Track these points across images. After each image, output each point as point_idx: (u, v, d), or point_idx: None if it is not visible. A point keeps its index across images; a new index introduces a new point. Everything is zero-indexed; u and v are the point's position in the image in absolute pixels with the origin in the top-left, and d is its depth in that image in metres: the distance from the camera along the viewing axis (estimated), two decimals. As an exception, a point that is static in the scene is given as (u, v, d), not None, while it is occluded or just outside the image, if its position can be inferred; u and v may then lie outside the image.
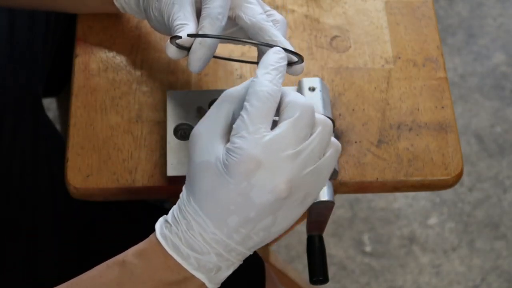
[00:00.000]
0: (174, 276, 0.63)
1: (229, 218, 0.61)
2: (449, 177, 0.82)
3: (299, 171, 0.61)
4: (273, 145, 0.60)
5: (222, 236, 0.62)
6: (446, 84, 0.88)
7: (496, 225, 1.62)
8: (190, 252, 0.62)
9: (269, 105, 0.62)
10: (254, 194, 0.60)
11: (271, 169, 0.60)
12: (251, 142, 0.60)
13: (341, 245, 1.58)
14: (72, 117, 0.84)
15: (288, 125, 0.61)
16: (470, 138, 1.71)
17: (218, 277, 0.64)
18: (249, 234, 0.62)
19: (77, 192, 0.81)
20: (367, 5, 0.93)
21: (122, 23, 0.91)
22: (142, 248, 0.64)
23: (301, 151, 0.61)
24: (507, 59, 1.81)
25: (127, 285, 0.63)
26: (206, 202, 0.62)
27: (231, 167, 0.60)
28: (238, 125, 0.62)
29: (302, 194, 0.62)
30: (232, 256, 0.63)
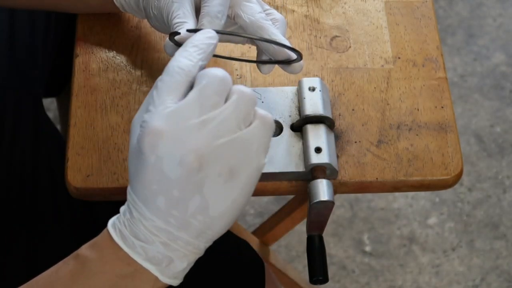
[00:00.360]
0: (125, 268, 0.62)
1: (157, 200, 0.59)
2: (449, 177, 0.82)
3: (208, 141, 0.58)
4: (176, 115, 0.59)
5: (159, 222, 0.60)
6: (446, 84, 0.88)
7: (495, 225, 1.62)
8: (136, 241, 0.61)
9: (178, 79, 0.60)
10: (166, 169, 0.58)
11: (174, 139, 0.58)
12: (154, 115, 0.59)
13: (341, 245, 1.58)
14: (72, 117, 0.84)
15: (192, 94, 0.59)
16: (470, 138, 1.71)
17: (172, 270, 0.62)
18: (185, 217, 0.60)
19: (77, 192, 0.81)
20: (367, 5, 0.93)
21: (122, 23, 0.91)
22: (95, 240, 0.64)
23: (209, 119, 0.59)
24: (507, 59, 1.81)
25: (80, 279, 0.62)
26: (136, 186, 0.61)
27: (139, 142, 0.59)
28: (147, 101, 0.61)
29: (223, 167, 0.59)
30: (179, 246, 0.61)
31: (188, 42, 0.63)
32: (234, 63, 0.88)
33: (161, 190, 0.60)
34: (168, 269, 0.62)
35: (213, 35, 0.64)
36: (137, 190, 0.61)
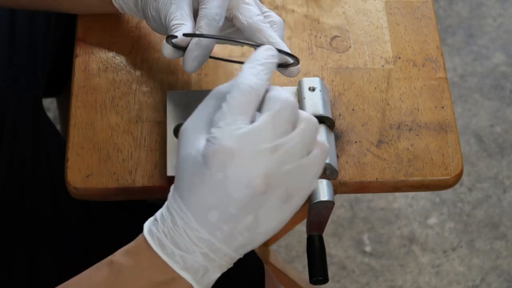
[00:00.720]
0: (162, 275, 0.62)
1: (209, 213, 0.60)
2: (449, 177, 0.82)
3: (277, 166, 0.59)
4: (248, 137, 0.59)
5: (205, 233, 0.61)
6: (446, 84, 0.88)
7: (495, 225, 1.62)
8: (176, 249, 0.62)
9: (250, 98, 0.60)
10: (231, 188, 0.59)
11: (245, 162, 0.59)
12: (226, 133, 0.59)
13: (341, 245, 1.58)
14: (72, 117, 0.84)
15: (266, 118, 0.60)
16: (470, 138, 1.71)
17: (206, 280, 0.63)
18: (233, 232, 0.61)
19: (77, 192, 0.81)
20: (367, 5, 0.93)
21: (122, 23, 0.91)
22: (130, 247, 0.64)
23: (280, 145, 0.60)
24: (506, 59, 1.81)
25: (115, 286, 0.62)
26: (188, 196, 0.61)
27: (206, 157, 0.60)
28: (217, 116, 0.61)
29: (284, 192, 0.61)
30: (218, 257, 0.62)
31: (255, 58, 0.63)
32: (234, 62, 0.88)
33: (218, 206, 0.60)
34: (203, 279, 0.63)
35: (275, 53, 0.64)
36: (189, 200, 0.61)
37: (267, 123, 0.59)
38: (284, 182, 0.60)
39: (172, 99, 0.84)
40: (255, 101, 0.61)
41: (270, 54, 0.63)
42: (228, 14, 0.75)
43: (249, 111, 0.60)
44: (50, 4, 0.88)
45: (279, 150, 0.60)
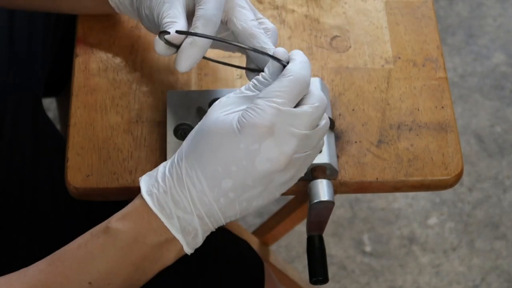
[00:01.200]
0: (157, 237, 0.65)
1: (224, 180, 0.63)
2: (449, 177, 0.82)
3: (300, 150, 0.65)
4: (290, 119, 0.64)
5: (210, 197, 0.64)
6: (446, 84, 0.88)
7: (496, 225, 1.62)
8: (174, 209, 0.64)
9: (301, 89, 0.65)
10: (258, 160, 0.63)
11: (280, 139, 0.63)
12: (273, 110, 0.63)
13: (341, 245, 1.58)
14: (72, 117, 0.84)
15: (308, 109, 0.65)
16: (470, 138, 1.71)
17: (194, 242, 0.66)
18: (234, 201, 0.64)
19: (77, 192, 0.81)
20: (367, 5, 0.93)
21: (122, 23, 0.91)
22: (126, 211, 0.66)
23: (309, 135, 0.65)
24: (507, 59, 1.81)
25: (111, 251, 0.65)
26: (208, 159, 0.63)
27: (247, 125, 0.63)
28: (269, 91, 0.64)
29: (293, 173, 0.66)
30: (211, 222, 0.65)
31: (302, 56, 0.67)
32: (234, 61, 0.88)
33: (237, 174, 0.63)
34: (192, 241, 0.66)
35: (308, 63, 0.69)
36: (208, 164, 0.63)
37: (307, 113, 0.65)
38: (298, 164, 0.66)
39: (172, 99, 0.84)
40: (304, 92, 0.66)
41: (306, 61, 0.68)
42: (223, 17, 0.75)
43: (297, 99, 0.65)
44: (49, 6, 0.88)
45: (306, 139, 0.65)
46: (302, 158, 0.65)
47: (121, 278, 0.66)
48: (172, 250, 0.66)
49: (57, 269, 0.65)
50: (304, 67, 0.66)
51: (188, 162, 0.64)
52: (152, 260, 0.66)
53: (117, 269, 0.65)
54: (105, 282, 0.65)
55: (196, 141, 0.65)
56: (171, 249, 0.66)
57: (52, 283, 0.65)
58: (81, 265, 0.65)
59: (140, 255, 0.65)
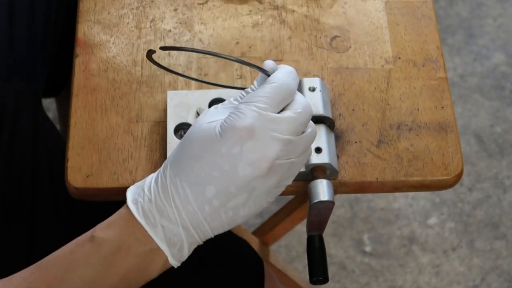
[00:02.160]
0: (141, 247, 0.64)
1: (207, 187, 0.63)
2: (449, 177, 0.82)
3: (283, 156, 0.64)
4: (272, 123, 0.63)
5: (194, 205, 0.63)
6: (446, 84, 0.88)
7: (496, 225, 1.62)
8: (158, 218, 0.64)
9: (285, 97, 0.65)
10: (239, 165, 0.63)
11: (261, 144, 0.63)
12: (254, 114, 0.63)
13: (341, 245, 1.58)
14: (72, 117, 0.84)
15: (290, 114, 0.65)
16: (470, 138, 1.71)
17: (180, 254, 0.66)
18: (220, 209, 0.64)
19: (77, 192, 0.81)
20: (367, 5, 0.93)
21: (122, 23, 0.91)
22: (111, 220, 0.66)
23: (292, 141, 0.64)
24: (507, 59, 1.81)
25: (95, 260, 0.65)
26: (191, 166, 0.63)
27: (227, 129, 0.63)
28: (251, 96, 0.64)
29: (278, 179, 0.65)
30: (197, 233, 0.65)
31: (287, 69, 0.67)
32: (234, 63, 0.88)
33: (220, 181, 0.63)
34: (178, 253, 0.65)
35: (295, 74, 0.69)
36: (192, 170, 0.63)
37: (289, 118, 0.64)
38: (281, 171, 0.65)
39: (172, 99, 0.84)
40: (288, 100, 0.66)
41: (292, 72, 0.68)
42: None
43: (280, 106, 0.65)
44: None
45: (290, 145, 0.64)
46: (286, 165, 0.65)
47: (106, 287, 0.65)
48: (157, 261, 0.65)
49: (42, 277, 0.65)
50: (288, 75, 0.66)
51: (173, 170, 0.64)
52: (136, 271, 0.65)
53: (101, 279, 0.65)
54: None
55: (180, 149, 0.65)
56: (156, 260, 0.65)
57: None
58: (65, 274, 0.65)
59: (124, 265, 0.65)
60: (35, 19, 1.02)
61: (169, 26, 0.91)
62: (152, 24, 0.91)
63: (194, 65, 0.88)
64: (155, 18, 0.91)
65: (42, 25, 1.02)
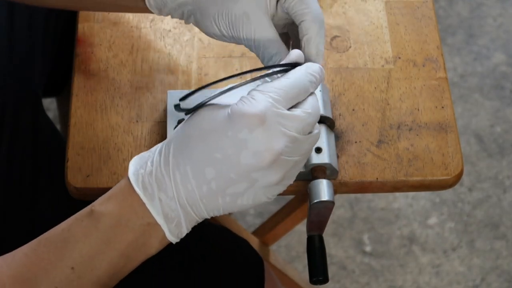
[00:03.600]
0: (139, 220, 0.64)
1: (207, 168, 0.62)
2: (449, 177, 0.82)
3: (287, 153, 0.64)
4: (282, 118, 0.63)
5: (193, 183, 0.63)
6: (446, 84, 0.88)
7: (496, 225, 1.62)
8: (157, 190, 0.63)
9: (300, 94, 0.65)
10: (243, 152, 0.62)
11: (269, 135, 0.62)
12: (267, 103, 0.62)
13: (341, 245, 1.58)
14: (72, 117, 0.84)
15: (300, 113, 0.64)
16: (470, 138, 1.71)
17: (178, 230, 0.65)
18: (217, 193, 0.63)
19: (77, 192, 0.81)
20: (367, 5, 0.93)
21: (122, 23, 0.91)
22: (111, 193, 0.66)
23: (298, 139, 0.64)
24: (507, 59, 1.81)
25: (93, 234, 0.64)
26: (195, 143, 0.63)
27: (238, 113, 0.62)
28: (266, 86, 0.64)
29: (281, 176, 0.64)
30: (193, 211, 0.64)
31: (312, 67, 0.66)
32: (234, 61, 0.88)
33: (221, 164, 0.62)
34: (175, 228, 0.65)
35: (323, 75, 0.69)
36: (193, 146, 0.63)
37: (299, 117, 0.64)
38: (285, 167, 0.64)
39: (172, 99, 0.84)
40: (300, 98, 0.65)
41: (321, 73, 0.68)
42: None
43: (291, 102, 0.64)
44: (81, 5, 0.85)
45: (296, 142, 0.64)
46: (290, 163, 0.64)
47: (105, 264, 0.65)
48: (154, 236, 0.65)
49: (42, 254, 0.65)
50: (306, 75, 0.65)
51: (177, 145, 0.64)
52: (135, 246, 0.65)
53: (100, 254, 0.64)
54: (88, 268, 0.64)
55: (188, 125, 0.65)
56: (154, 235, 0.65)
57: (36, 269, 0.65)
58: (63, 250, 0.65)
59: (123, 240, 0.64)
60: (35, 19, 1.02)
61: (169, 26, 0.91)
62: (152, 24, 0.91)
63: (194, 65, 0.88)
64: (155, 18, 0.91)
65: (42, 25, 1.02)
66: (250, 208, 0.67)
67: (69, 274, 0.64)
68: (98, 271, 0.65)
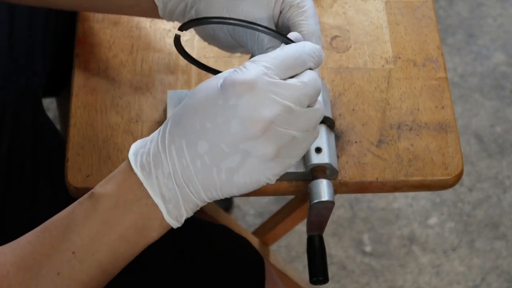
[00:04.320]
0: (137, 201, 0.63)
1: (200, 142, 0.62)
2: (449, 177, 0.82)
3: (282, 123, 0.62)
4: (274, 87, 0.61)
5: (187, 157, 0.62)
6: (446, 84, 0.88)
7: (496, 225, 1.62)
8: (154, 169, 0.63)
9: (296, 64, 0.63)
10: (233, 120, 0.61)
11: (258, 100, 0.61)
12: (258, 71, 0.61)
13: (341, 245, 1.58)
14: (72, 117, 0.84)
15: (295, 82, 0.63)
16: (470, 138, 1.71)
17: (177, 212, 0.64)
18: (212, 167, 0.62)
19: (77, 192, 0.81)
20: (367, 5, 0.93)
21: (122, 23, 0.91)
22: (111, 175, 0.65)
23: (293, 109, 0.62)
24: (507, 59, 1.81)
25: (93, 216, 0.64)
26: (189, 116, 0.62)
27: (228, 82, 0.61)
28: (260, 56, 0.63)
29: (275, 149, 0.62)
30: (190, 191, 0.63)
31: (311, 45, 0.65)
32: (234, 61, 0.88)
33: (212, 134, 0.61)
34: (174, 210, 0.64)
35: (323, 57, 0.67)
36: (188, 118, 0.62)
37: (293, 86, 0.62)
38: (279, 140, 0.62)
39: (172, 99, 0.84)
40: (297, 70, 0.63)
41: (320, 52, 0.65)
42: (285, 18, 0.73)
43: (286, 73, 0.63)
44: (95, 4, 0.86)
45: (290, 113, 0.62)
46: (285, 135, 0.62)
47: (105, 248, 0.64)
48: (153, 218, 0.64)
49: (45, 240, 0.65)
50: (303, 47, 0.64)
51: (173, 121, 0.63)
52: (135, 230, 0.64)
53: (100, 237, 0.64)
54: (88, 252, 0.64)
55: (184, 101, 0.64)
56: (152, 217, 0.64)
57: (39, 255, 0.64)
58: (64, 234, 0.64)
59: (122, 222, 0.64)
60: (35, 19, 1.02)
61: (169, 26, 0.91)
62: (152, 24, 0.91)
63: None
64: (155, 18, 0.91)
65: (42, 25, 1.02)
66: (252, 190, 0.65)
67: (71, 259, 0.64)
68: (99, 254, 0.64)
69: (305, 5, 0.72)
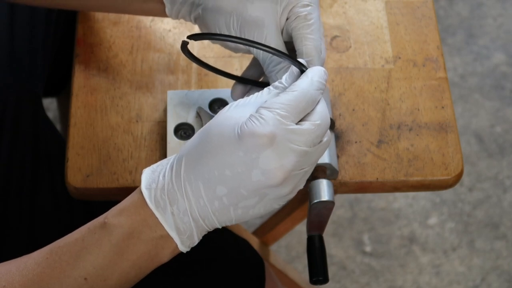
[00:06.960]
0: (152, 233, 0.65)
1: (218, 187, 0.63)
2: (449, 177, 0.82)
3: (298, 167, 0.64)
4: (291, 135, 0.63)
5: (205, 198, 0.64)
6: (446, 84, 0.88)
7: (496, 225, 1.62)
8: (169, 205, 0.64)
9: (307, 106, 0.65)
10: (254, 171, 0.63)
11: (279, 153, 0.63)
12: (276, 122, 0.62)
13: (341, 245, 1.58)
14: (72, 117, 0.84)
15: (310, 126, 0.64)
16: (470, 138, 1.71)
17: (189, 241, 0.66)
18: (229, 207, 0.64)
19: (77, 192, 0.81)
20: (367, 5, 0.93)
21: (122, 23, 0.91)
22: (123, 206, 0.66)
23: (308, 152, 0.64)
24: (507, 59, 1.81)
25: (107, 247, 0.65)
26: (206, 160, 0.63)
27: (247, 133, 0.62)
28: (274, 102, 0.64)
29: (291, 188, 0.65)
30: (206, 224, 0.65)
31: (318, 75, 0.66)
32: (234, 61, 0.88)
33: (232, 181, 0.63)
34: (188, 240, 0.66)
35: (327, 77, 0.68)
36: (205, 163, 0.63)
37: (308, 130, 0.64)
38: (295, 180, 0.65)
39: (172, 99, 0.84)
40: (308, 109, 0.65)
41: (326, 77, 0.67)
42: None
43: (300, 115, 0.64)
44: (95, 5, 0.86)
45: (306, 156, 0.64)
46: (300, 175, 0.65)
47: (117, 274, 0.66)
48: (166, 248, 0.66)
49: (54, 263, 0.66)
50: (313, 84, 0.65)
51: (188, 161, 0.64)
52: (147, 258, 0.66)
53: (113, 265, 0.65)
54: (100, 278, 0.65)
55: (199, 140, 0.65)
56: (166, 247, 0.66)
57: (49, 278, 0.65)
58: (77, 260, 0.65)
59: (135, 251, 0.65)
60: (36, 19, 1.02)
61: (169, 26, 0.91)
62: (152, 24, 0.91)
63: (194, 65, 0.88)
64: (155, 18, 0.91)
65: (42, 25, 1.02)
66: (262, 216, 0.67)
67: (82, 284, 0.65)
68: (110, 281, 0.66)
69: (312, 18, 0.73)
